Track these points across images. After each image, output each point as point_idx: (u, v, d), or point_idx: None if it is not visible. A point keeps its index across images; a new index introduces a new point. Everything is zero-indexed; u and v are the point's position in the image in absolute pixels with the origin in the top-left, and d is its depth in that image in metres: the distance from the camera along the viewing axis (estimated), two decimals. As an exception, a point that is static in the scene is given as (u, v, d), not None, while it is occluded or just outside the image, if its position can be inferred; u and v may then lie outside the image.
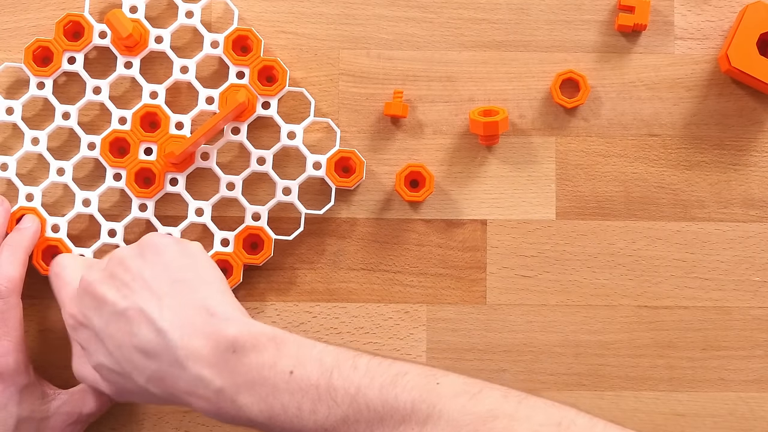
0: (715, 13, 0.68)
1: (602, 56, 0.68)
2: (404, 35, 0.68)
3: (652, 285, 0.67)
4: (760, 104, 0.68)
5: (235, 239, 0.66)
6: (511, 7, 0.68)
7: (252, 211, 0.66)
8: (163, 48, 0.66)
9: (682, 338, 0.67)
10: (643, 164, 0.68)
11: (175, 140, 0.65)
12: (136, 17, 0.66)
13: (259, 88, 0.66)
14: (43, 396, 0.61)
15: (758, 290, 0.67)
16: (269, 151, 0.66)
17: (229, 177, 0.66)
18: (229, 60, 0.66)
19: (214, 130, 0.63)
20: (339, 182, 0.66)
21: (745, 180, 0.68)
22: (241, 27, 0.66)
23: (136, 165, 0.66)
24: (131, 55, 0.66)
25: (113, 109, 0.66)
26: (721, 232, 0.67)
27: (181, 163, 0.65)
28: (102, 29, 0.66)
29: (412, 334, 0.67)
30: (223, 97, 0.66)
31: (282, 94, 0.66)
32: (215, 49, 0.66)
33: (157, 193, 0.66)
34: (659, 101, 0.68)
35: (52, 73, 0.66)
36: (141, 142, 0.66)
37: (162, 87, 0.66)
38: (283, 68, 0.66)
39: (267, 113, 0.66)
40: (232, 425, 0.54)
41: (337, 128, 0.66)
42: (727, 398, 0.67)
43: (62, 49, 0.66)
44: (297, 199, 0.66)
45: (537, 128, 0.68)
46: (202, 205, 0.66)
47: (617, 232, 0.67)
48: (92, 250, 0.66)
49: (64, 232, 0.66)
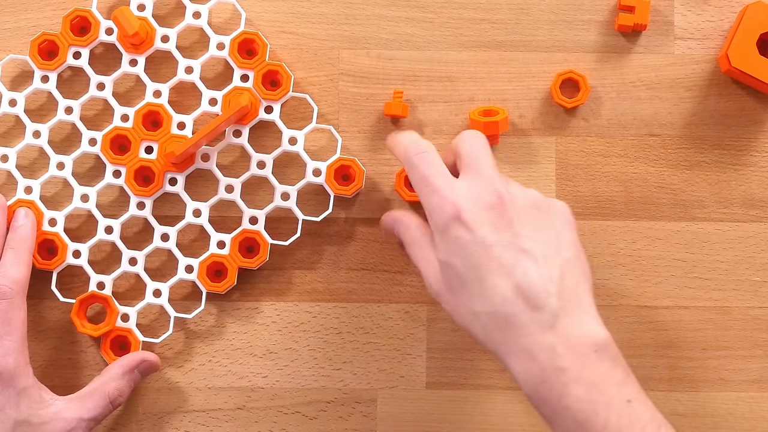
0: (715, 13, 0.68)
1: (602, 56, 0.68)
2: (404, 35, 0.68)
3: (652, 285, 0.67)
4: (760, 104, 0.68)
5: (232, 242, 0.66)
6: (511, 7, 0.68)
7: (249, 215, 0.66)
8: (168, 47, 0.66)
9: (682, 338, 0.67)
10: (643, 164, 0.68)
11: (177, 140, 0.65)
12: (143, 15, 0.66)
13: (263, 92, 0.66)
14: (41, 400, 0.61)
15: (758, 290, 0.67)
16: (269, 156, 0.66)
17: (228, 179, 0.66)
18: (234, 62, 0.66)
19: (215, 132, 0.63)
20: (338, 190, 0.66)
21: (745, 180, 0.68)
22: (248, 30, 0.66)
23: (136, 163, 0.66)
24: (137, 53, 0.66)
25: (116, 106, 0.66)
26: (721, 232, 0.67)
27: (181, 164, 0.65)
28: (109, 26, 0.66)
29: (412, 334, 0.67)
30: (227, 100, 0.66)
31: (285, 99, 0.66)
32: (221, 51, 0.66)
33: (155, 192, 0.66)
34: (659, 101, 0.68)
35: (56, 66, 0.66)
36: (142, 140, 0.66)
37: (166, 86, 0.66)
38: (287, 73, 0.66)
39: (269, 117, 0.66)
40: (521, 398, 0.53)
41: (338, 136, 0.66)
42: (727, 398, 0.67)
43: (68, 43, 0.66)
44: (295, 205, 0.66)
45: (537, 128, 0.68)
46: (200, 206, 0.66)
47: (617, 232, 0.67)
48: (88, 246, 0.66)
49: (61, 227, 0.66)
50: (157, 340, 0.66)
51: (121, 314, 0.66)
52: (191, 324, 0.67)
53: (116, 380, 0.63)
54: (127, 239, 0.67)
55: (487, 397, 0.67)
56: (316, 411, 0.67)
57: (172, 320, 0.66)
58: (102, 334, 0.65)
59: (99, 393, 0.62)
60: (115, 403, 0.63)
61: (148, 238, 0.67)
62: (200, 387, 0.67)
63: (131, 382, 0.64)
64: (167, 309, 0.66)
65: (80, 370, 0.67)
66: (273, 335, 0.67)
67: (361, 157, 0.67)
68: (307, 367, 0.67)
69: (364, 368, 0.67)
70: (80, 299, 0.65)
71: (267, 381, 0.67)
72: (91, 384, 0.63)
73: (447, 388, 0.67)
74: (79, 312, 0.65)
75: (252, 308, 0.67)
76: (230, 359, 0.67)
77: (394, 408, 0.67)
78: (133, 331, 0.66)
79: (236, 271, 0.66)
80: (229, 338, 0.67)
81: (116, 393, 0.63)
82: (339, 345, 0.67)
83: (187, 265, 0.66)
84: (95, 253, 0.67)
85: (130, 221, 0.67)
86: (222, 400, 0.67)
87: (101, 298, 0.66)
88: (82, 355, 0.67)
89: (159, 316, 0.67)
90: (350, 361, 0.67)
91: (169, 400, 0.67)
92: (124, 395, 0.63)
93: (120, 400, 0.63)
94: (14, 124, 0.68)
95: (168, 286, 0.66)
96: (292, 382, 0.67)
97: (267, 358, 0.67)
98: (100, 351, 0.66)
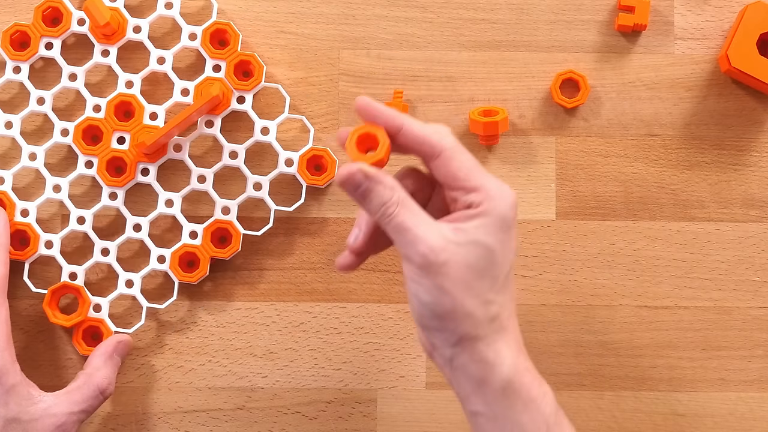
0: (715, 13, 0.68)
1: (602, 56, 0.68)
2: (404, 35, 0.68)
3: (652, 285, 0.67)
4: (760, 104, 0.68)
5: (204, 232, 0.66)
6: (511, 7, 0.68)
7: (222, 205, 0.66)
8: (140, 38, 0.67)
9: (682, 338, 0.67)
10: (643, 164, 0.68)
11: (148, 130, 0.66)
12: (115, 6, 0.66)
13: (235, 82, 0.66)
14: (29, 397, 0.61)
15: (758, 290, 0.67)
16: (242, 146, 0.66)
17: (200, 170, 0.66)
18: (206, 53, 0.66)
19: (186, 122, 0.63)
20: (310, 180, 0.66)
21: (745, 180, 0.68)
22: (220, 20, 0.66)
23: (108, 153, 0.66)
24: (109, 44, 0.66)
25: (88, 96, 0.66)
26: (721, 232, 0.67)
27: (153, 154, 0.65)
28: (81, 16, 0.66)
29: (412, 334, 0.67)
30: (198, 90, 0.66)
31: (257, 89, 0.66)
32: (193, 41, 0.66)
33: (128, 182, 0.66)
34: (659, 101, 0.68)
35: (29, 57, 0.66)
36: (114, 130, 0.66)
37: (138, 77, 0.66)
38: (259, 63, 0.66)
39: (242, 108, 0.66)
40: None
41: (311, 126, 0.66)
42: (727, 398, 0.67)
43: (40, 34, 0.66)
44: (267, 195, 0.66)
45: (537, 128, 0.68)
46: (172, 197, 0.66)
47: (617, 232, 0.67)
48: (60, 237, 0.66)
49: (33, 217, 0.66)
50: (129, 330, 0.66)
51: (94, 305, 0.66)
52: (191, 324, 0.67)
53: (101, 369, 0.63)
54: (100, 230, 0.67)
55: (487, 397, 0.67)
56: (316, 411, 0.67)
57: (144, 310, 0.66)
58: (74, 324, 0.65)
59: (87, 385, 0.62)
60: (106, 392, 0.63)
61: (121, 229, 0.67)
62: (200, 387, 0.67)
63: (114, 367, 0.65)
64: (139, 299, 0.66)
65: (54, 361, 0.67)
66: (273, 335, 0.67)
67: (361, 157, 0.67)
68: (307, 367, 0.67)
69: (363, 368, 0.67)
70: (52, 290, 0.65)
71: (267, 381, 0.67)
72: (77, 378, 0.63)
73: (447, 388, 0.67)
74: (51, 302, 0.65)
75: (252, 308, 0.67)
76: (230, 359, 0.67)
77: (394, 408, 0.67)
78: (105, 321, 0.66)
79: (208, 261, 0.66)
80: (229, 338, 0.67)
81: (105, 382, 0.63)
82: (339, 345, 0.67)
83: (159, 256, 0.66)
84: (67, 244, 0.67)
85: (103, 212, 0.67)
86: (222, 400, 0.67)
87: (73, 289, 0.66)
88: (55, 347, 0.67)
89: (131, 306, 0.67)
90: (350, 361, 0.67)
91: (169, 400, 0.67)
92: (113, 383, 0.64)
93: (110, 389, 0.63)
94: (-9, 117, 0.68)
95: (140, 276, 0.66)
96: (291, 382, 0.67)
97: (267, 358, 0.67)
98: (72, 342, 0.66)
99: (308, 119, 0.67)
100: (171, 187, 0.67)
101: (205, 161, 0.67)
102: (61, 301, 0.67)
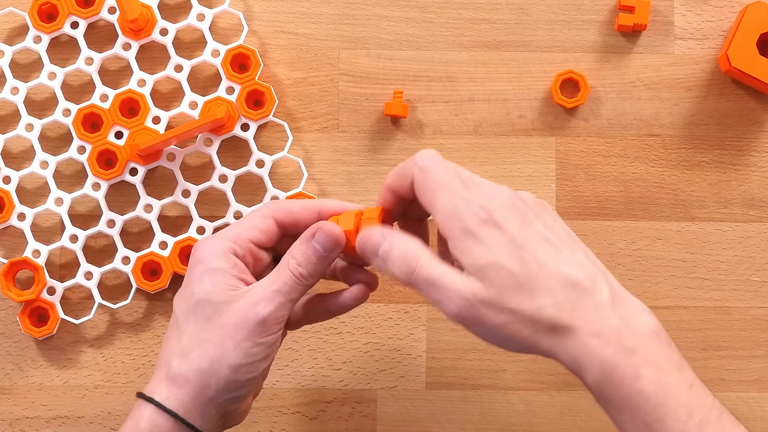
0: (715, 13, 0.68)
1: (602, 56, 0.68)
2: (404, 35, 0.68)
3: (652, 285, 0.67)
4: (760, 104, 0.68)
5: (174, 245, 0.66)
6: (511, 7, 0.68)
7: (198, 224, 0.66)
8: (165, 41, 0.66)
9: (682, 338, 0.67)
10: (643, 164, 0.68)
11: (147, 133, 0.65)
12: (148, 3, 0.66)
13: (244, 108, 0.66)
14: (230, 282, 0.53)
15: (758, 290, 0.67)
16: (234, 172, 0.66)
17: (187, 184, 0.66)
18: (224, 73, 0.66)
19: (186, 135, 0.63)
20: None
21: (745, 180, 0.68)
22: (246, 45, 0.66)
23: (103, 144, 0.65)
24: (133, 38, 0.66)
25: (98, 84, 0.66)
26: (721, 232, 0.67)
27: (146, 157, 0.65)
28: (112, 4, 0.66)
29: (412, 334, 0.67)
30: (207, 107, 0.66)
31: (264, 121, 0.66)
32: (215, 58, 0.66)
33: (114, 177, 0.66)
34: (659, 101, 0.68)
35: (52, 31, 0.66)
36: (114, 124, 0.66)
37: (152, 77, 0.66)
38: (272, 97, 0.66)
39: (244, 135, 0.66)
40: None
41: (305, 171, 0.66)
42: (727, 398, 0.67)
43: (68, 11, 0.66)
44: None
45: (537, 128, 0.68)
46: (152, 203, 0.66)
47: (617, 232, 0.67)
48: (33, 212, 0.66)
49: (14, 186, 0.66)
50: (76, 321, 0.66)
51: (48, 287, 0.66)
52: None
53: (292, 250, 0.54)
54: (76, 216, 0.67)
55: (487, 397, 0.67)
56: (316, 411, 0.67)
57: (96, 305, 0.66)
58: (24, 301, 0.65)
59: (281, 268, 0.54)
60: (302, 279, 0.53)
61: (95, 220, 0.66)
62: (200, 387, 0.67)
63: (311, 253, 0.53)
64: (94, 293, 0.66)
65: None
66: (273, 335, 0.67)
67: (360, 157, 0.67)
68: (307, 367, 0.67)
69: (363, 368, 0.67)
70: (11, 261, 0.65)
71: (267, 381, 0.67)
72: None
73: (447, 388, 0.67)
74: (7, 274, 0.65)
75: (252, 308, 0.67)
76: (230, 359, 0.67)
77: (394, 408, 0.67)
78: (56, 306, 0.65)
79: (170, 275, 0.65)
80: (229, 338, 0.67)
81: (293, 263, 0.53)
82: (339, 345, 0.67)
83: (125, 257, 0.66)
84: (40, 221, 0.67)
85: (84, 199, 0.66)
86: (222, 400, 0.67)
87: (32, 266, 0.65)
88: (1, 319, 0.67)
89: (87, 298, 0.67)
90: (350, 361, 0.67)
91: (169, 400, 0.67)
92: (308, 267, 0.53)
93: (304, 273, 0.53)
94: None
95: (100, 271, 0.66)
96: (292, 382, 0.67)
97: (267, 358, 0.67)
98: (17, 316, 0.66)
99: (308, 119, 0.67)
100: (155, 193, 0.66)
101: (195, 174, 0.67)
102: (21, 275, 0.67)
